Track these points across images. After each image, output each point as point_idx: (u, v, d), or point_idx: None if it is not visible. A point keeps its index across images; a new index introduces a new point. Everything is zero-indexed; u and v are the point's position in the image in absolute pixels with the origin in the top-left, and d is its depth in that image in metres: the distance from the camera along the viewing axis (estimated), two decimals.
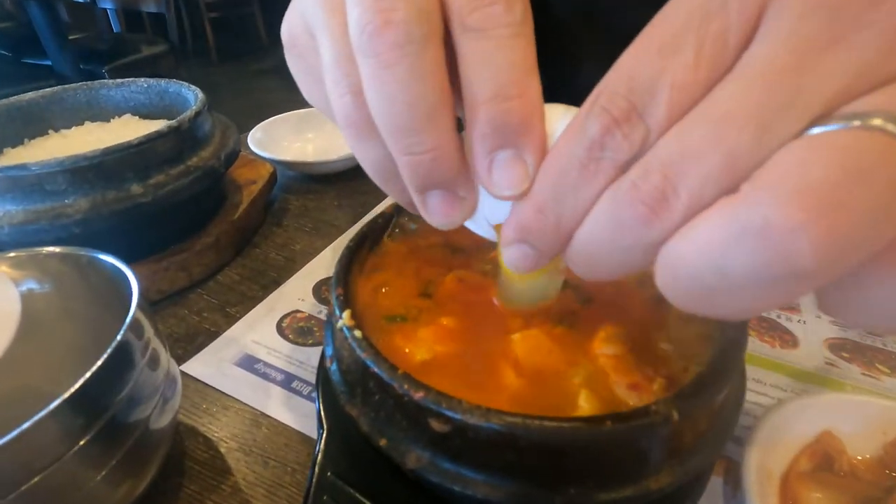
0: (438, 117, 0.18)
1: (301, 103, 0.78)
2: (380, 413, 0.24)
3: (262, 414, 0.37)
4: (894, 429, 0.32)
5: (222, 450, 0.34)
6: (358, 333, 0.25)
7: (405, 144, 0.18)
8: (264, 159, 0.64)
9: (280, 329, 0.44)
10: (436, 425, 0.22)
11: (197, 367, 0.40)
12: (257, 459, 0.34)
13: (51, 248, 0.29)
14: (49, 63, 2.66)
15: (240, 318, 0.45)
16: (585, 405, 0.23)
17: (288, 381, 0.39)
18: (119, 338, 0.24)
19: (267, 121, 0.72)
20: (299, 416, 0.36)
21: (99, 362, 0.23)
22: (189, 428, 0.36)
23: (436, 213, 0.21)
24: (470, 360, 0.27)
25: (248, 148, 0.65)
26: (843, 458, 0.31)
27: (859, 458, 0.31)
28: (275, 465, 0.33)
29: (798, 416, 0.32)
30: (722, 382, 0.22)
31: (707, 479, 0.28)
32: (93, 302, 0.30)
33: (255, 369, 0.40)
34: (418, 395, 0.22)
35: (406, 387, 0.22)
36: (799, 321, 0.44)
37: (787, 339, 0.43)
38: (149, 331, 0.28)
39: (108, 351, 0.23)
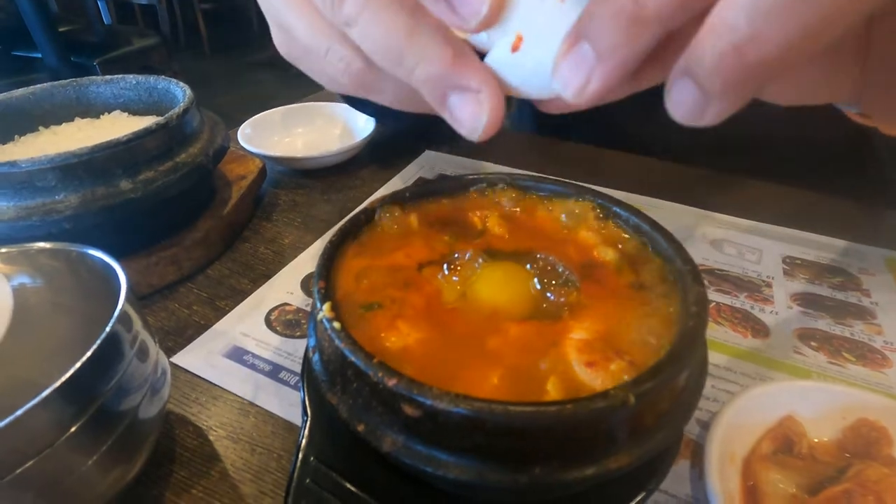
0: (419, 33, 0.21)
1: (293, 97, 0.78)
2: (357, 400, 0.25)
3: (251, 403, 0.38)
4: (853, 413, 0.33)
5: (211, 438, 0.36)
6: (337, 325, 0.26)
7: (406, 68, 0.21)
8: (254, 155, 0.64)
9: (268, 322, 0.45)
10: (408, 410, 0.23)
11: (187, 358, 0.41)
12: (245, 447, 0.35)
13: (41, 244, 0.30)
14: (39, 55, 2.64)
15: (229, 311, 0.46)
16: (552, 390, 0.25)
17: (275, 372, 0.40)
18: (108, 330, 0.25)
19: (256, 116, 0.73)
20: (286, 405, 0.38)
21: (88, 353, 0.24)
22: (179, 417, 0.37)
23: (464, 118, 0.22)
24: (445, 349, 0.28)
25: (239, 143, 0.66)
26: (803, 441, 0.32)
27: (819, 440, 0.33)
28: (262, 451, 0.35)
29: (762, 401, 0.34)
30: (679, 369, 0.24)
31: (672, 460, 0.29)
32: (83, 296, 0.31)
33: (244, 360, 0.41)
34: (392, 382, 0.23)
35: (380, 374, 0.23)
36: (771, 312, 0.46)
37: (759, 329, 0.44)
38: (137, 323, 0.29)
39: (97, 342, 0.24)
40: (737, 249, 0.54)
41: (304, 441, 0.30)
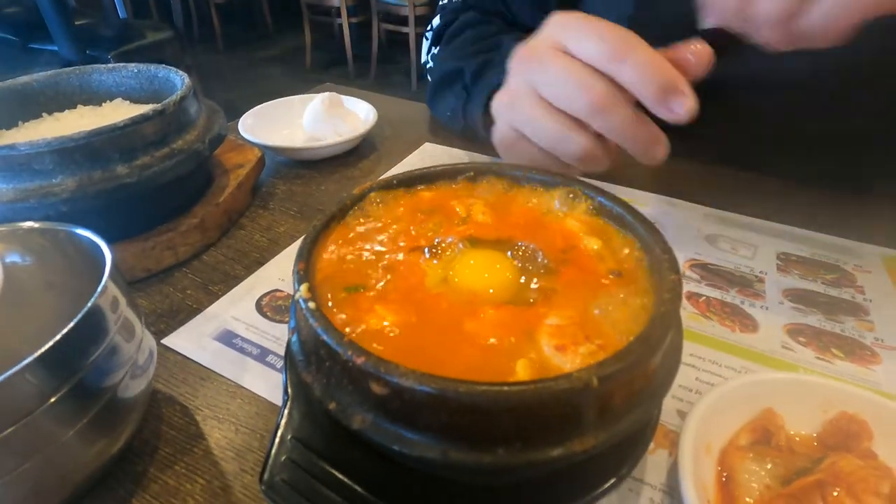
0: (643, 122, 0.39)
1: (303, 91, 0.78)
2: (330, 379, 0.26)
3: (237, 385, 0.39)
4: (834, 407, 0.33)
5: (197, 417, 0.36)
6: (312, 304, 0.27)
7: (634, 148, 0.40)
8: (253, 144, 0.65)
9: (259, 307, 0.46)
10: (376, 388, 0.23)
11: (178, 340, 0.42)
12: (229, 426, 0.36)
13: (30, 224, 0.31)
14: (55, 48, 2.68)
15: (222, 295, 0.47)
16: (521, 372, 0.25)
17: (263, 356, 0.41)
18: (89, 306, 0.26)
19: (258, 107, 0.74)
20: (271, 387, 0.38)
21: (68, 327, 0.25)
22: (167, 396, 0.38)
23: (680, 109, 0.36)
24: (423, 331, 0.28)
25: (240, 134, 0.67)
26: (781, 434, 0.32)
27: (798, 433, 0.33)
28: (245, 431, 0.35)
29: (743, 393, 0.34)
30: (646, 354, 0.24)
31: (645, 447, 0.29)
32: (73, 275, 0.32)
33: (233, 344, 0.42)
34: (360, 360, 0.23)
35: (350, 353, 0.24)
36: (762, 307, 0.46)
37: (748, 323, 0.44)
38: (122, 302, 0.30)
39: (78, 317, 0.25)
40: (731, 245, 0.53)
41: (282, 420, 0.31)
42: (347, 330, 0.28)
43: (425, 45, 0.81)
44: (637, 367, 0.24)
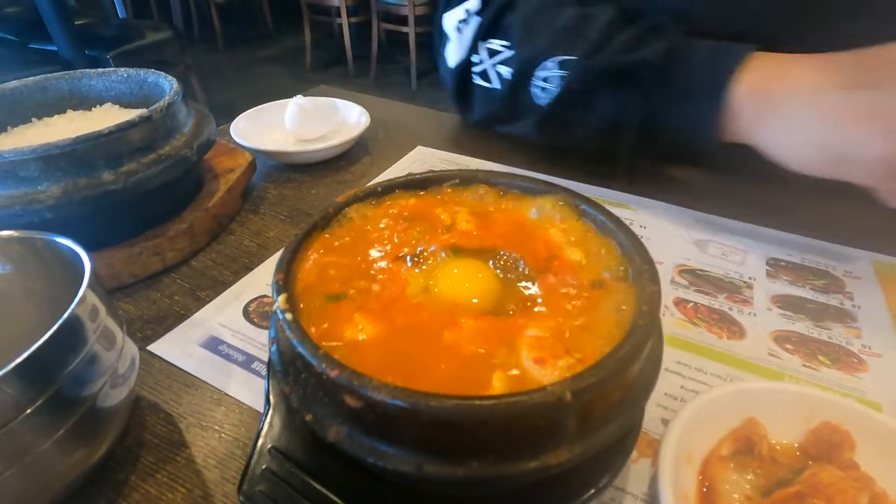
0: None
1: (303, 92, 0.77)
2: (307, 390, 0.26)
3: (222, 392, 0.39)
4: (818, 417, 0.33)
5: (181, 425, 0.36)
6: (289, 316, 0.27)
7: None
8: (245, 148, 0.65)
9: (246, 313, 0.46)
10: (350, 401, 0.23)
11: (163, 347, 0.42)
12: (213, 434, 0.36)
13: (9, 232, 0.31)
14: (55, 49, 2.68)
15: (209, 301, 0.47)
16: (498, 385, 0.25)
17: (248, 363, 0.41)
18: (66, 315, 0.26)
19: (250, 110, 0.74)
20: (255, 395, 0.38)
21: (44, 337, 0.25)
22: (151, 404, 0.38)
23: None
24: (403, 341, 0.28)
25: (232, 137, 0.67)
26: (764, 443, 0.32)
27: (780, 443, 0.33)
28: (228, 439, 0.35)
29: (726, 402, 0.34)
30: (622, 367, 0.24)
31: (625, 458, 0.29)
32: (53, 283, 0.32)
33: (219, 350, 0.42)
34: (334, 373, 0.23)
35: (324, 365, 0.24)
36: (749, 313, 0.46)
37: (735, 330, 0.44)
38: (101, 311, 0.30)
39: (55, 327, 0.25)
40: (721, 250, 0.53)
41: (263, 430, 0.31)
42: (325, 341, 0.27)
43: (459, 37, 0.65)
44: (612, 380, 0.24)
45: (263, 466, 0.29)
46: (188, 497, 0.32)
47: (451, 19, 0.66)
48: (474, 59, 0.64)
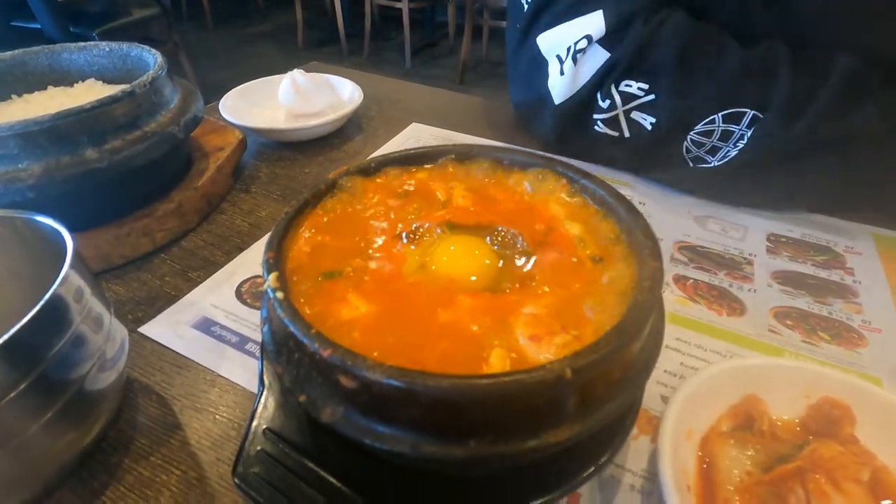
0: None
1: (293, 69, 0.75)
2: (300, 370, 0.25)
3: (215, 374, 0.38)
4: (818, 392, 0.33)
5: (174, 407, 0.36)
6: (280, 294, 0.26)
7: None
8: (234, 126, 0.63)
9: (239, 293, 0.45)
10: (344, 381, 0.23)
11: (155, 329, 0.41)
12: (207, 416, 0.35)
13: None
14: (38, 26, 2.61)
15: (201, 282, 0.46)
16: (495, 363, 0.24)
17: (242, 343, 0.40)
18: (47, 297, 0.25)
19: (240, 87, 0.72)
20: (249, 375, 0.38)
21: (26, 318, 0.24)
22: (144, 386, 0.37)
23: None
24: (398, 319, 0.28)
25: (221, 115, 0.65)
26: (764, 419, 0.32)
27: (781, 418, 0.32)
28: (222, 420, 0.35)
29: (726, 379, 0.33)
30: (623, 344, 0.23)
31: (625, 435, 0.29)
32: (35, 263, 0.31)
33: (212, 332, 0.41)
34: (327, 353, 0.23)
35: (317, 345, 0.23)
36: (750, 290, 0.45)
37: (736, 307, 0.43)
38: (87, 291, 0.29)
39: (36, 308, 0.24)
40: (721, 226, 0.53)
41: (257, 411, 0.30)
42: (320, 320, 0.27)
43: (574, 70, 0.52)
44: (613, 357, 0.23)
45: (258, 448, 0.28)
46: (182, 479, 0.32)
47: (556, 41, 0.54)
48: (602, 104, 0.53)
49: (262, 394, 0.31)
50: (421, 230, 0.33)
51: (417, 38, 3.42)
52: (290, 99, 0.68)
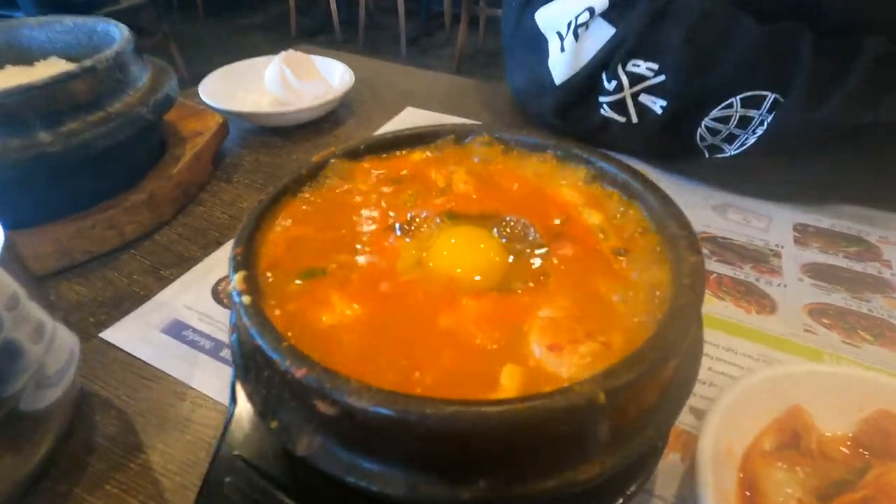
0: None
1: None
2: (270, 391, 0.21)
3: (186, 385, 0.34)
4: (871, 404, 0.29)
5: (137, 425, 0.32)
6: (246, 298, 0.21)
7: None
8: (215, 110, 0.59)
9: (215, 293, 0.40)
10: (322, 407, 0.18)
11: (118, 334, 0.37)
12: (173, 435, 0.31)
13: None
14: (20, 15, 2.54)
15: (173, 280, 0.41)
16: (508, 382, 0.20)
17: (217, 350, 0.36)
18: None
19: (221, 69, 0.67)
20: (224, 386, 0.33)
21: None
22: (103, 400, 0.33)
23: None
24: (390, 327, 0.23)
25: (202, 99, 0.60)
26: (812, 436, 0.28)
27: (830, 435, 0.28)
28: (192, 441, 0.31)
29: (766, 388, 0.29)
30: (664, 357, 0.19)
31: (657, 458, 0.25)
32: None
33: (183, 336, 0.37)
34: (300, 373, 0.18)
35: (289, 362, 0.19)
36: (779, 285, 0.41)
37: (765, 304, 0.39)
38: (21, 296, 0.24)
39: None
40: (742, 215, 0.48)
41: (227, 434, 0.26)
42: (296, 328, 0.22)
43: (575, 46, 0.48)
44: (652, 374, 0.19)
45: (227, 479, 0.24)
46: None
47: (556, 16, 0.49)
48: (608, 85, 0.48)
49: (232, 413, 0.27)
50: (417, 220, 0.28)
51: (413, 28, 3.35)
52: (276, 84, 0.63)
